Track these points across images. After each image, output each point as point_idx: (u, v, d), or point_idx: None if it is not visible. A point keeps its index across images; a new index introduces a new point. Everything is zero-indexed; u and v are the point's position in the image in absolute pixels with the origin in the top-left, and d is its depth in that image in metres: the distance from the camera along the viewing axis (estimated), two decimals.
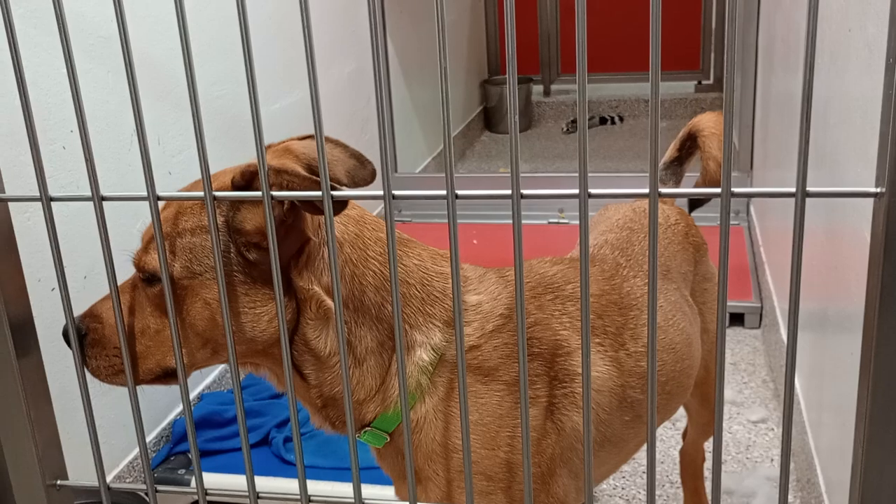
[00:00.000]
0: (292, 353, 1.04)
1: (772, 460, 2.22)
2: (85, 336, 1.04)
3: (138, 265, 1.03)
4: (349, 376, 1.04)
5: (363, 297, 1.04)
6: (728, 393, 2.54)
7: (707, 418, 1.74)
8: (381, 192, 0.69)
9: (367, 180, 1.18)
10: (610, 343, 1.19)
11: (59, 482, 0.87)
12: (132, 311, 1.04)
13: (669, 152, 1.66)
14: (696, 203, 1.68)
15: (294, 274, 1.01)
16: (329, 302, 1.02)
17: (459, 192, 0.67)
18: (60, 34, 0.71)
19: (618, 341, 1.20)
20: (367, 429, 1.09)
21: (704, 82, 5.58)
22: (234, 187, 0.96)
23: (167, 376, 1.05)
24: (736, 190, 0.64)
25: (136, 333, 1.03)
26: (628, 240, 1.40)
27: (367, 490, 1.60)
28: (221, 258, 0.94)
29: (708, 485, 1.97)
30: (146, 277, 1.02)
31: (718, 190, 0.64)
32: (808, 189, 0.63)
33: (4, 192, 0.80)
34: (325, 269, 1.02)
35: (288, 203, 0.96)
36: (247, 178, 0.94)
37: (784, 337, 2.46)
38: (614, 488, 2.16)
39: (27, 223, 1.70)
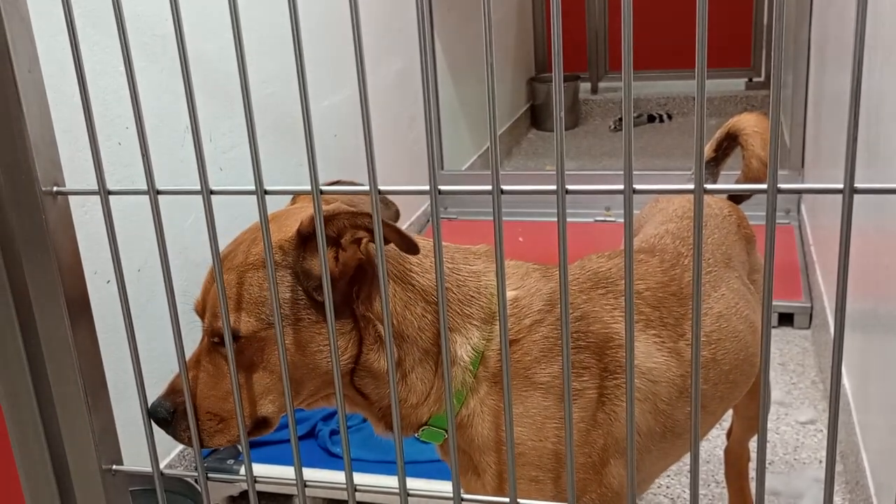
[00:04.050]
0: (353, 379, 1.09)
1: (820, 462, 2.19)
2: (174, 413, 1.06)
3: (211, 331, 1.06)
4: (396, 381, 1.08)
5: (406, 313, 1.08)
6: (777, 394, 2.51)
7: (754, 412, 1.73)
8: (427, 188, 0.71)
9: (392, 220, 1.23)
10: (668, 334, 1.20)
11: (114, 467, 0.90)
12: (213, 376, 1.07)
13: (706, 152, 1.66)
14: (736, 200, 1.68)
15: (356, 305, 1.05)
16: (380, 326, 1.06)
17: (504, 187, 0.68)
18: (119, 34, 0.74)
19: (677, 332, 1.21)
20: (424, 427, 1.13)
21: (755, 79, 5.50)
22: (301, 235, 1.01)
23: (258, 427, 1.09)
24: (782, 186, 0.64)
25: (223, 396, 1.07)
26: (688, 229, 1.41)
27: (412, 483, 1.61)
28: (296, 304, 1.01)
29: (753, 485, 1.96)
30: (221, 340, 1.05)
31: (765, 186, 0.64)
32: (856, 185, 0.62)
33: (65, 186, 0.83)
34: (374, 295, 1.05)
35: (365, 243, 1.00)
36: (310, 229, 0.99)
37: None
38: (659, 487, 2.15)
39: (84, 217, 1.74)
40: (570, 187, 0.67)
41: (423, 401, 1.11)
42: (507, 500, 0.78)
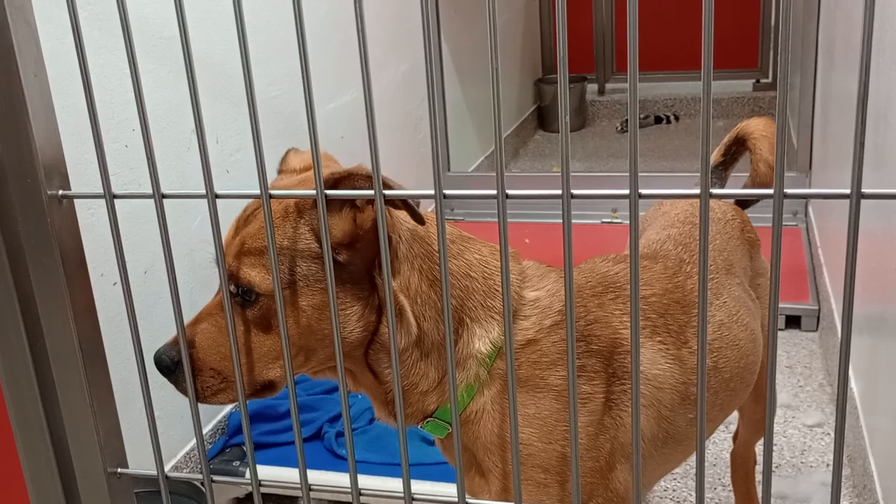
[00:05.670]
0: (368, 353, 1.08)
1: (827, 465, 2.18)
2: (178, 363, 1.03)
3: (233, 279, 1.02)
4: (411, 363, 1.06)
5: (430, 292, 1.07)
6: (784, 396, 2.50)
7: (761, 414, 1.73)
8: (432, 192, 0.70)
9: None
10: (672, 341, 1.20)
11: (119, 470, 0.90)
12: (223, 331, 1.04)
13: (714, 156, 1.65)
14: (744, 204, 1.68)
15: (376, 273, 1.03)
16: (402, 298, 1.04)
17: (510, 192, 0.67)
18: (125, 36, 0.74)
19: (680, 339, 1.21)
20: (429, 419, 1.11)
21: (763, 81, 5.48)
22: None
23: (263, 390, 1.07)
24: (788, 191, 0.63)
25: (229, 354, 1.03)
26: (691, 234, 1.40)
27: (417, 486, 1.61)
28: (315, 263, 0.99)
29: (760, 489, 1.95)
30: (239, 294, 1.02)
31: (771, 191, 0.64)
32: (863, 190, 0.62)
33: (70, 190, 0.83)
34: (400, 266, 1.04)
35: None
36: (329, 185, 0.97)
37: None
38: (665, 490, 2.14)
39: (90, 219, 1.74)
40: (575, 192, 0.66)
41: (433, 388, 1.09)
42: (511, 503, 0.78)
